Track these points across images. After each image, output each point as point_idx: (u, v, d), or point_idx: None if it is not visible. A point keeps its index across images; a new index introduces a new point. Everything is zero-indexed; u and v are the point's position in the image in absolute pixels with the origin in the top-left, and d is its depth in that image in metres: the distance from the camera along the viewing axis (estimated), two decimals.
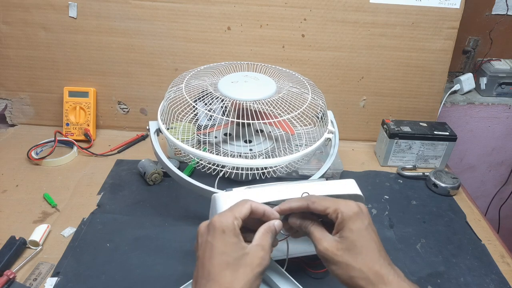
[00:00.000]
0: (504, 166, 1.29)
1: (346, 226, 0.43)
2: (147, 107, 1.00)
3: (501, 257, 0.71)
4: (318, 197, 0.46)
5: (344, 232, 0.43)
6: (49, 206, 0.75)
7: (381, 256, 0.43)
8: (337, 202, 0.44)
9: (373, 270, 0.41)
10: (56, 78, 0.96)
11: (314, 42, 0.94)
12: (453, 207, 0.82)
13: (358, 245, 0.42)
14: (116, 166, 0.87)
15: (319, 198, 0.46)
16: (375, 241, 0.43)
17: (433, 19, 0.92)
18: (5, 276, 0.58)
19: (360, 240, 0.42)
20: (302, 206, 0.46)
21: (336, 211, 0.44)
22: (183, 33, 0.92)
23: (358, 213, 0.44)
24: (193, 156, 0.66)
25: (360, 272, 0.41)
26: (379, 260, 0.42)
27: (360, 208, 0.44)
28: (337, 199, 0.46)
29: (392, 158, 0.92)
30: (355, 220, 0.43)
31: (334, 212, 0.44)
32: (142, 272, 0.62)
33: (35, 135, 0.94)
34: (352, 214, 0.43)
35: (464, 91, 1.15)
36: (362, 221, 0.43)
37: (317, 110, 0.72)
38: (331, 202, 0.45)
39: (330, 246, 0.43)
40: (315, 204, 0.45)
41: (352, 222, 0.43)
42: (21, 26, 0.91)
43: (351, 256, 0.42)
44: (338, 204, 0.44)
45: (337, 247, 0.43)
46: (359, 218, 0.43)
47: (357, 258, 0.42)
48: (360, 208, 0.44)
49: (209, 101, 0.68)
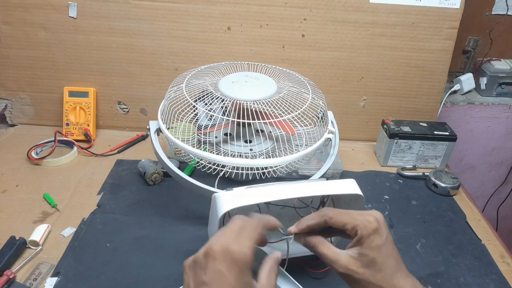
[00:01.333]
0: (504, 166, 1.29)
1: (366, 243, 0.42)
2: (147, 107, 1.00)
3: (501, 257, 0.71)
4: (334, 212, 0.45)
5: (363, 249, 0.42)
6: (49, 206, 0.75)
7: (398, 269, 0.43)
8: (355, 218, 0.44)
9: (392, 284, 0.42)
10: (56, 78, 0.96)
11: (314, 42, 0.94)
12: (453, 207, 0.82)
13: (377, 262, 0.42)
14: (116, 166, 0.87)
15: (335, 213, 0.45)
16: (393, 254, 0.43)
17: (433, 19, 0.92)
18: (5, 276, 0.58)
19: (379, 257, 0.42)
20: (320, 222, 0.45)
21: (355, 228, 0.43)
22: (183, 33, 0.92)
23: (377, 229, 0.43)
24: (193, 156, 0.66)
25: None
26: (396, 273, 0.42)
27: (379, 221, 0.43)
28: (354, 212, 0.45)
29: (392, 158, 0.92)
30: (374, 237, 0.42)
31: (353, 229, 0.43)
32: (142, 272, 0.62)
33: (35, 135, 0.94)
34: (372, 231, 0.42)
35: (464, 91, 1.15)
36: (381, 236, 0.43)
37: (317, 110, 0.72)
38: (349, 217, 0.44)
39: (349, 264, 0.43)
40: (332, 220, 0.45)
41: (371, 239, 0.42)
42: (21, 26, 0.91)
43: (371, 273, 0.42)
44: (356, 220, 0.43)
45: (356, 265, 0.42)
46: (378, 234, 0.43)
47: (377, 275, 0.42)
48: (378, 223, 0.43)
49: (209, 101, 0.68)
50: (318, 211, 0.47)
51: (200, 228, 0.69)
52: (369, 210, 0.46)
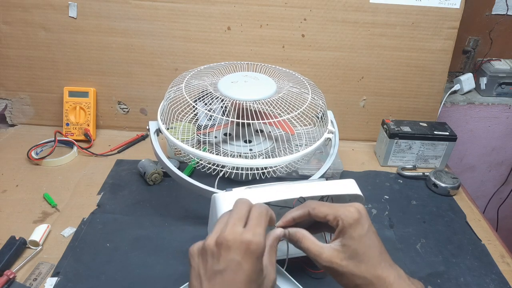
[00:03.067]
0: (504, 166, 1.29)
1: (347, 233, 0.42)
2: (147, 107, 1.00)
3: (501, 257, 0.71)
4: (317, 203, 0.45)
5: (345, 240, 0.42)
6: (49, 206, 0.75)
7: (382, 260, 0.43)
8: (336, 209, 0.44)
9: (376, 275, 0.41)
10: (56, 78, 0.96)
11: (314, 42, 0.94)
12: (453, 207, 0.82)
13: (360, 252, 0.42)
14: (116, 166, 0.87)
15: (318, 204, 0.45)
16: (376, 245, 0.43)
17: (433, 19, 0.92)
18: (5, 276, 0.58)
19: (362, 247, 0.42)
20: (304, 214, 0.45)
21: (336, 219, 0.43)
22: (183, 33, 0.92)
23: (359, 219, 0.43)
24: (193, 156, 0.66)
25: (364, 279, 0.41)
26: (380, 264, 0.42)
27: (360, 212, 0.43)
28: (335, 204, 0.45)
29: (392, 158, 0.92)
30: (356, 227, 0.42)
31: (334, 219, 0.43)
32: (142, 272, 0.62)
33: (35, 135, 0.94)
34: (353, 222, 0.42)
35: (464, 91, 1.15)
36: (363, 226, 0.43)
37: (317, 110, 0.72)
38: (330, 208, 0.44)
39: (332, 257, 0.42)
40: (315, 210, 0.45)
41: (353, 229, 0.42)
42: (21, 26, 0.91)
43: (354, 264, 0.42)
44: (337, 211, 0.43)
45: (340, 257, 0.42)
46: (360, 224, 0.43)
47: (361, 266, 0.42)
48: (360, 213, 0.43)
49: (209, 101, 0.68)
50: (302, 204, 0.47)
51: (200, 228, 0.69)
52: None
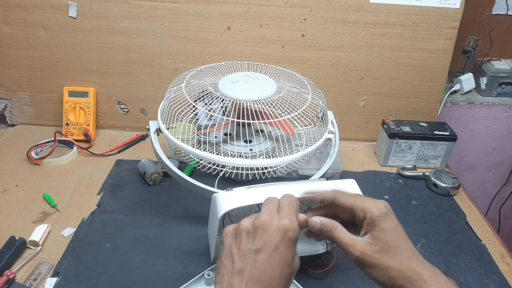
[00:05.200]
0: (504, 166, 1.29)
1: (378, 226, 0.42)
2: (147, 107, 1.00)
3: (501, 257, 0.71)
4: (343, 193, 0.45)
5: (376, 233, 0.42)
6: (49, 206, 0.75)
7: (415, 254, 0.43)
8: (364, 201, 0.44)
9: (411, 268, 0.41)
10: (56, 78, 0.96)
11: (314, 42, 0.94)
12: (453, 207, 0.82)
13: (392, 245, 0.42)
14: (116, 166, 0.87)
15: (344, 193, 0.45)
16: (407, 239, 0.43)
17: (433, 19, 0.92)
18: (5, 276, 0.58)
19: (394, 240, 0.42)
20: (328, 197, 0.45)
21: (364, 211, 0.43)
22: (183, 33, 0.92)
23: (387, 213, 0.43)
24: (193, 156, 0.66)
25: (399, 272, 0.41)
26: (413, 257, 0.42)
27: (387, 207, 0.43)
28: (362, 196, 0.45)
29: (392, 158, 0.92)
30: (385, 220, 0.42)
31: (362, 211, 0.43)
32: (142, 272, 0.62)
33: (35, 135, 0.94)
34: (382, 214, 0.42)
35: (464, 91, 1.15)
36: (392, 220, 0.43)
37: (317, 110, 0.72)
38: (357, 199, 0.44)
39: (365, 249, 0.42)
40: (341, 199, 0.44)
41: (383, 222, 0.42)
42: (21, 26, 0.91)
43: (388, 257, 0.42)
44: (365, 202, 0.43)
45: (372, 250, 0.42)
46: (389, 218, 0.43)
47: (394, 258, 0.41)
48: (387, 208, 0.43)
49: (209, 101, 0.68)
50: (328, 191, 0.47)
51: (200, 228, 0.69)
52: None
